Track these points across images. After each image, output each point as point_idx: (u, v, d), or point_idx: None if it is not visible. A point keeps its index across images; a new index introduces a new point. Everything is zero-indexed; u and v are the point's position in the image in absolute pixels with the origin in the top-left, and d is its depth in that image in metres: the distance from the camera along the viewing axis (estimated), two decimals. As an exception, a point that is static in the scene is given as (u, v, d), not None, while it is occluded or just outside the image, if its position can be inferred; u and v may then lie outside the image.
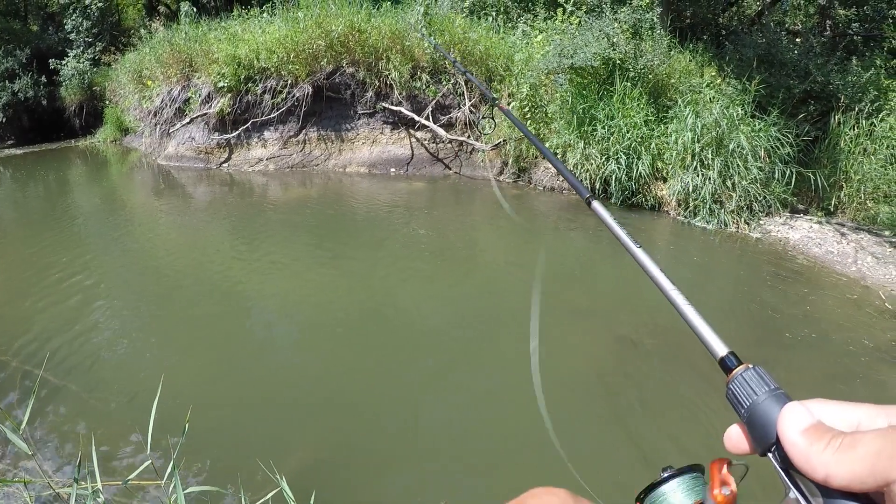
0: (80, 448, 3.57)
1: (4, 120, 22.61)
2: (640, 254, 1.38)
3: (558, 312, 5.68)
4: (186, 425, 2.81)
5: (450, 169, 12.64)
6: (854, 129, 8.76)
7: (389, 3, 14.19)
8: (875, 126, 8.73)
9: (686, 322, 1.20)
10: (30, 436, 3.73)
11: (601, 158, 9.46)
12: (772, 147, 8.42)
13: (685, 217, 8.66)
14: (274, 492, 2.72)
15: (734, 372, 0.81)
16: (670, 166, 8.94)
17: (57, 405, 4.21)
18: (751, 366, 0.80)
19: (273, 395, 4.35)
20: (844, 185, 8.53)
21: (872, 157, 8.45)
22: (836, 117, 8.92)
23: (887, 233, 7.72)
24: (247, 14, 15.77)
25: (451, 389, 4.42)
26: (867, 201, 8.33)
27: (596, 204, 1.74)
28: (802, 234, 7.80)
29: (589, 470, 3.49)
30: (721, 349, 0.93)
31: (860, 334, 5.20)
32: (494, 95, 2.97)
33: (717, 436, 0.92)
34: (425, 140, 13.03)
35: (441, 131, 12.39)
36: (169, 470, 2.55)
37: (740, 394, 0.76)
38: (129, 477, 2.75)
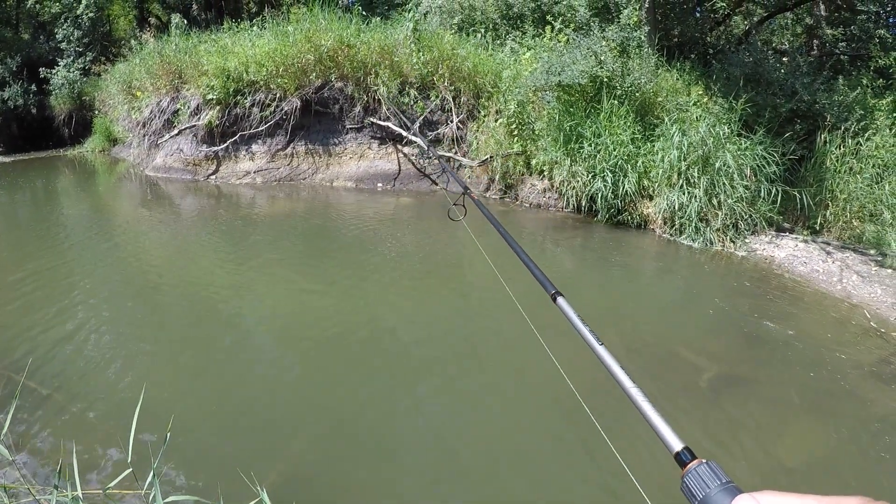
0: (60, 455, 3.53)
1: (-6, 127, 22.58)
2: (602, 351, 1.40)
3: (542, 329, 5.64)
4: (168, 434, 2.85)
5: (436, 184, 12.61)
6: (840, 149, 8.79)
7: (379, 18, 14.23)
8: (861, 145, 8.76)
9: (644, 417, 1.20)
10: (10, 442, 3.68)
11: (588, 176, 9.45)
12: (758, 166, 8.43)
13: (671, 235, 8.64)
14: (254, 502, 2.71)
15: (688, 466, 0.86)
16: (657, 184, 8.92)
17: (38, 412, 4.14)
18: (704, 461, 0.84)
19: (255, 407, 4.30)
20: (830, 204, 8.54)
21: (858, 176, 8.46)
22: (823, 136, 8.95)
23: (872, 251, 7.72)
24: (237, 27, 15.82)
25: (434, 404, 4.36)
26: (853, 220, 8.34)
27: (561, 300, 1.76)
28: (788, 252, 7.79)
29: (571, 487, 3.45)
30: (676, 444, 0.93)
31: (845, 353, 5.17)
32: (466, 184, 3.06)
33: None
34: (412, 155, 13.01)
35: (428, 146, 12.38)
36: (149, 479, 2.56)
37: (694, 487, 0.80)
38: (110, 485, 2.77)
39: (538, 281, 1.93)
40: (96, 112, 21.92)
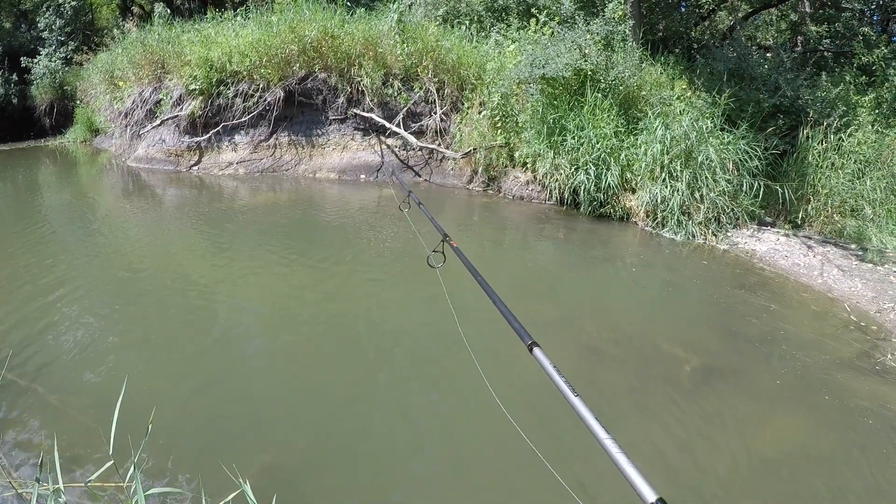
0: (42, 449, 3.48)
1: (-26, 118, 22.35)
2: (578, 402, 1.36)
3: (523, 323, 5.61)
4: (149, 426, 2.79)
5: (420, 176, 12.55)
6: (822, 144, 8.81)
7: (363, 9, 14.16)
8: (843, 141, 8.79)
9: (618, 468, 1.18)
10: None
11: (571, 169, 9.44)
12: (740, 160, 8.43)
13: (653, 228, 8.64)
14: (235, 493, 2.71)
15: None
16: (639, 177, 8.92)
17: (19, 405, 4.08)
18: None
19: (237, 399, 4.25)
20: (812, 199, 8.56)
21: (840, 172, 8.49)
22: (805, 131, 8.97)
23: (853, 246, 7.75)
24: (220, 17, 15.67)
25: (416, 397, 4.31)
26: (834, 215, 8.37)
27: (537, 350, 1.75)
28: (769, 246, 7.80)
29: (555, 480, 3.43)
30: (650, 495, 0.93)
31: (825, 346, 5.18)
32: (446, 232, 3.04)
33: (683, 444, 0.87)
34: (396, 147, 12.96)
35: (412, 138, 12.33)
36: (130, 471, 2.54)
37: None
38: (91, 478, 2.79)
39: (515, 331, 1.93)
40: (78, 102, 21.69)
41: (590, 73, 9.78)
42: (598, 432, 1.10)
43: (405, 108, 12.67)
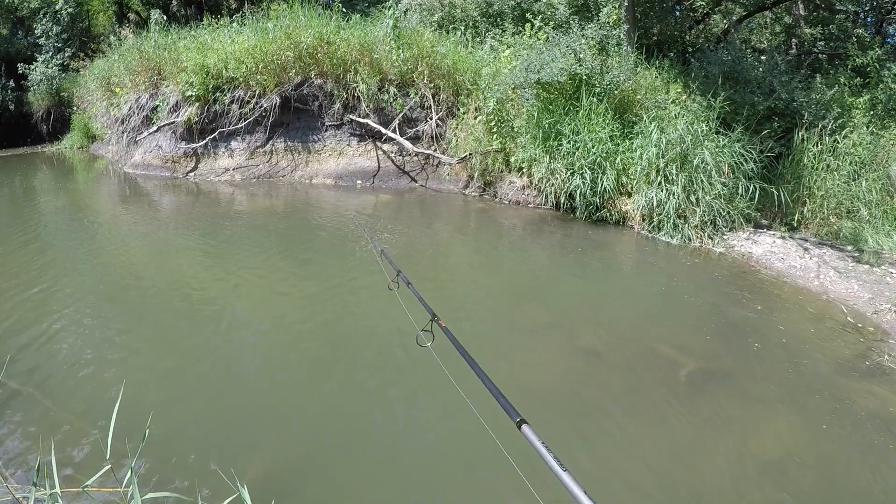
0: (39, 453, 3.48)
1: (-29, 124, 22.36)
2: (566, 477, 1.38)
3: (520, 326, 5.62)
4: (147, 431, 2.79)
5: (416, 182, 12.56)
6: (817, 146, 8.82)
7: (359, 15, 14.17)
8: (838, 143, 8.81)
9: None
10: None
11: (566, 173, 9.44)
12: (736, 163, 8.45)
13: (649, 232, 8.64)
14: (231, 498, 2.68)
15: None
16: (635, 181, 8.93)
17: (16, 410, 4.08)
18: None
19: (234, 404, 4.25)
20: (808, 201, 8.57)
21: (835, 174, 8.51)
22: (800, 134, 8.98)
23: (849, 248, 7.75)
24: (217, 23, 15.68)
25: (413, 404, 4.32)
26: (830, 217, 8.38)
27: (525, 428, 1.77)
28: (765, 248, 7.81)
29: (552, 483, 3.43)
30: None
31: (822, 348, 5.18)
32: (434, 312, 3.07)
33: (681, 447, 0.87)
34: (392, 153, 12.97)
35: (408, 144, 12.34)
36: (127, 476, 2.55)
37: None
38: (88, 482, 2.73)
39: (502, 406, 1.95)
40: (75, 108, 21.71)
41: (585, 77, 9.78)
42: None
43: (401, 114, 12.68)
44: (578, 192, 9.21)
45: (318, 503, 3.35)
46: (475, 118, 11.58)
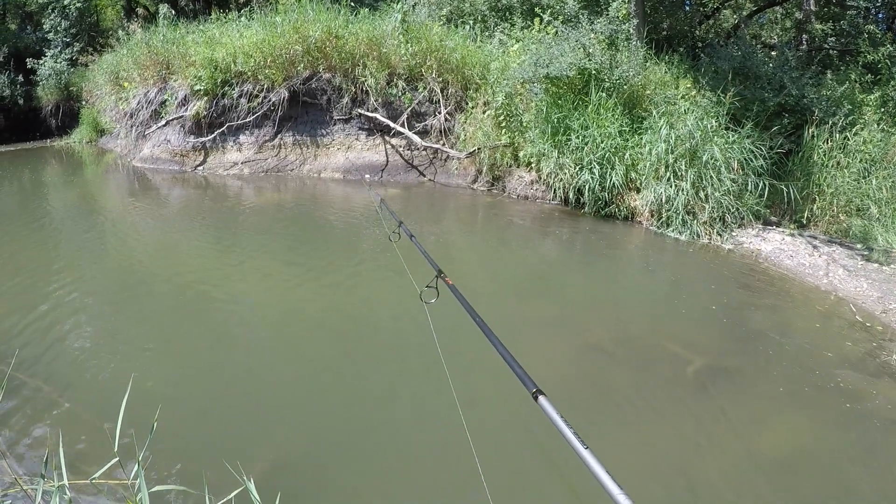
0: (47, 445, 3.52)
1: (-20, 119, 22.45)
2: (588, 455, 1.31)
3: (527, 321, 5.61)
4: (154, 424, 2.79)
5: (424, 176, 12.58)
6: (827, 143, 8.77)
7: (367, 9, 14.15)
8: (848, 140, 8.75)
9: None
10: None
11: (575, 168, 9.42)
12: (745, 159, 8.40)
13: (658, 228, 8.61)
14: (238, 491, 2.69)
15: None
16: (644, 177, 8.89)
17: (25, 402, 4.10)
18: None
19: (242, 397, 4.27)
20: (817, 198, 8.53)
21: (845, 171, 8.47)
22: (810, 130, 8.93)
23: (859, 246, 7.72)
24: (225, 17, 15.70)
25: (422, 399, 4.31)
26: (840, 214, 8.34)
27: (542, 399, 1.66)
28: (775, 245, 7.78)
29: (560, 481, 3.42)
30: None
31: (831, 346, 5.15)
32: (440, 267, 3.03)
33: (687, 444, 0.86)
34: (400, 147, 12.97)
35: (416, 138, 12.34)
36: (135, 469, 2.54)
37: None
38: (95, 475, 2.74)
39: (518, 377, 1.84)
40: (83, 103, 21.77)
41: (594, 72, 9.76)
42: (610, 488, 1.08)
43: (409, 108, 12.67)
44: (587, 187, 9.19)
45: (326, 496, 3.36)
46: (484, 113, 11.56)
